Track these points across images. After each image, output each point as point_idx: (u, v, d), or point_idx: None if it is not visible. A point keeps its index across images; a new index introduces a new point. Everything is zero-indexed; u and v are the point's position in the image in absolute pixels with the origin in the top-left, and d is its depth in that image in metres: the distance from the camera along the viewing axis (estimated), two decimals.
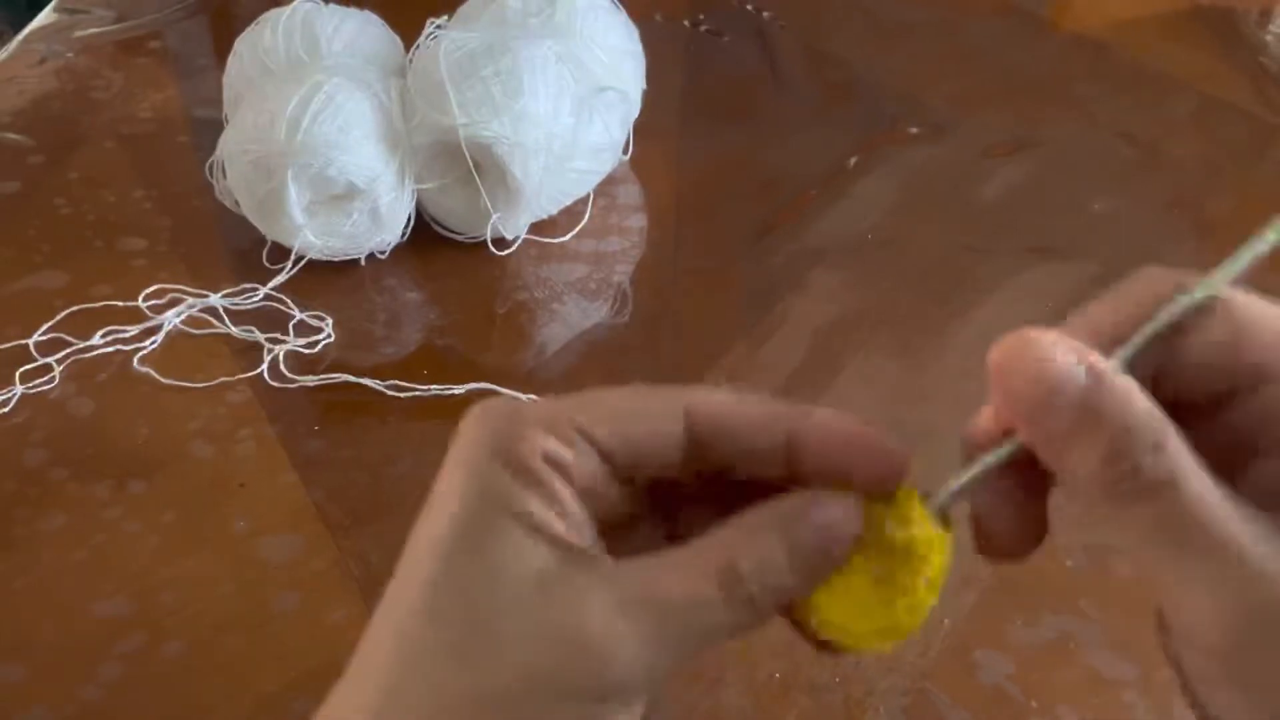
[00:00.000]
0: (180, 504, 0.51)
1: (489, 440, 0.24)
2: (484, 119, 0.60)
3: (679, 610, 0.23)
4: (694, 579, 0.23)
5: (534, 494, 0.23)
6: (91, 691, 0.43)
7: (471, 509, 0.23)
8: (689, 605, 0.23)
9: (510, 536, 0.23)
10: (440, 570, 0.23)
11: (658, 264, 0.68)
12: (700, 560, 0.23)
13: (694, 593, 0.23)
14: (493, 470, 0.23)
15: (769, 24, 0.95)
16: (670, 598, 0.23)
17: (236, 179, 0.63)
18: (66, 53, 0.86)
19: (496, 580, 0.22)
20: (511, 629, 0.22)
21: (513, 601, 0.22)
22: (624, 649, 0.22)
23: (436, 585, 0.23)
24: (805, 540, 0.24)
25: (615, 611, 0.22)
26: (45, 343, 0.58)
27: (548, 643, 0.22)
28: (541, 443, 0.23)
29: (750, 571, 0.23)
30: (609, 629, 0.22)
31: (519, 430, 0.24)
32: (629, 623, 0.22)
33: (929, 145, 0.79)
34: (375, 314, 0.62)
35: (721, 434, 0.25)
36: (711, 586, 0.23)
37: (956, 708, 0.43)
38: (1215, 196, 0.75)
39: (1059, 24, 0.97)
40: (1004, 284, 0.66)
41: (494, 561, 0.23)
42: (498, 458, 0.23)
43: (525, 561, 0.23)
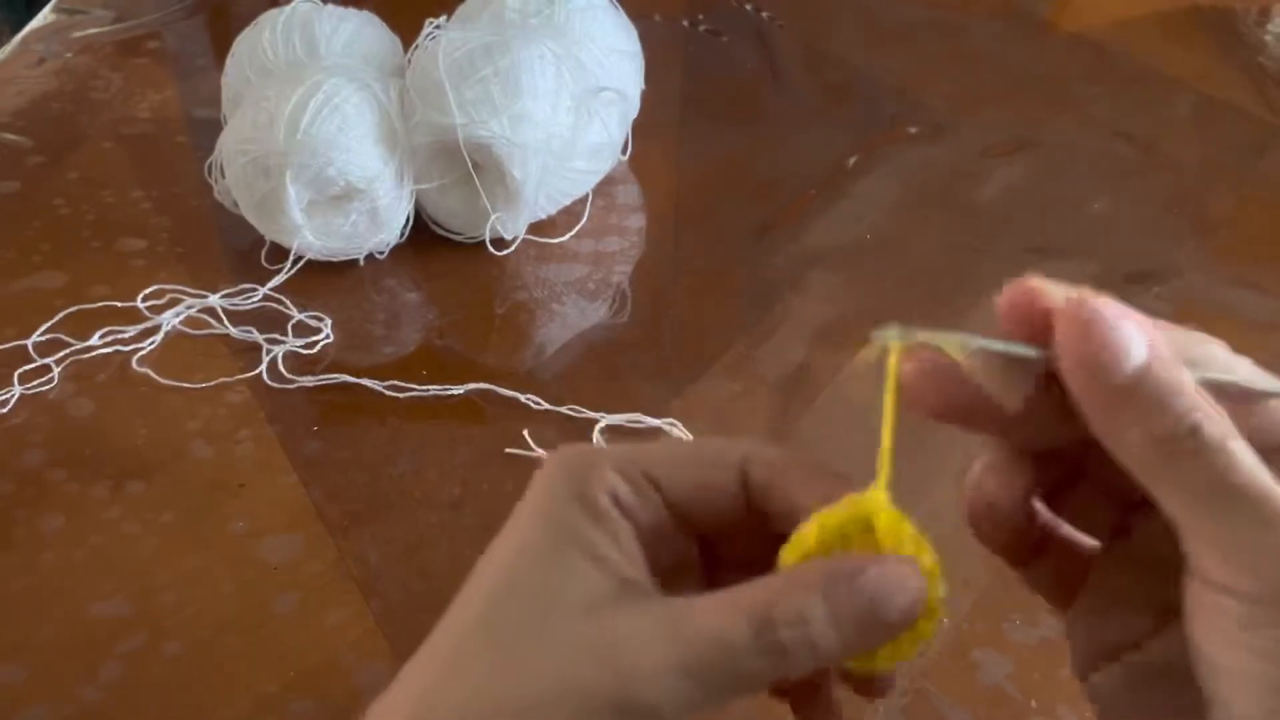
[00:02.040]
0: (179, 504, 0.51)
1: (564, 477, 0.26)
2: (483, 119, 0.60)
3: (709, 644, 0.23)
4: (726, 615, 0.23)
5: (598, 528, 0.25)
6: (91, 692, 0.43)
7: (539, 536, 0.25)
8: (718, 640, 0.23)
9: (570, 562, 0.24)
10: (501, 586, 0.25)
11: (657, 264, 0.68)
12: (738, 600, 0.24)
13: (724, 628, 0.23)
14: (563, 503, 0.25)
15: (768, 24, 0.95)
16: (701, 630, 0.23)
17: (235, 179, 0.63)
18: (65, 53, 0.86)
19: (551, 599, 0.24)
20: (556, 643, 0.23)
21: (562, 619, 0.24)
22: (657, 674, 0.23)
23: (494, 599, 0.25)
24: (845, 600, 0.24)
25: (653, 637, 0.23)
26: (44, 343, 0.58)
27: (587, 658, 0.23)
28: (611, 482, 0.25)
29: (783, 619, 0.23)
30: (645, 652, 0.23)
31: (592, 471, 0.26)
32: (664, 649, 0.23)
33: (928, 145, 0.79)
34: (374, 314, 0.62)
35: (772, 487, 0.26)
36: (742, 625, 0.23)
37: (956, 707, 0.43)
38: (1214, 196, 0.75)
39: (1058, 24, 0.97)
40: (1003, 284, 0.65)
41: (551, 583, 0.24)
42: (570, 493, 0.25)
43: (580, 585, 0.24)
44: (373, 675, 0.44)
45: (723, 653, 0.23)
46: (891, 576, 0.24)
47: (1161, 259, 0.68)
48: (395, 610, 0.46)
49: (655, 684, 0.23)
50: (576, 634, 0.24)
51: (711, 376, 0.59)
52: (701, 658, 0.23)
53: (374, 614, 0.46)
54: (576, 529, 0.25)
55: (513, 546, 0.25)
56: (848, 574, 0.24)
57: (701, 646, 0.23)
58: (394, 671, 0.25)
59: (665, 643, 0.23)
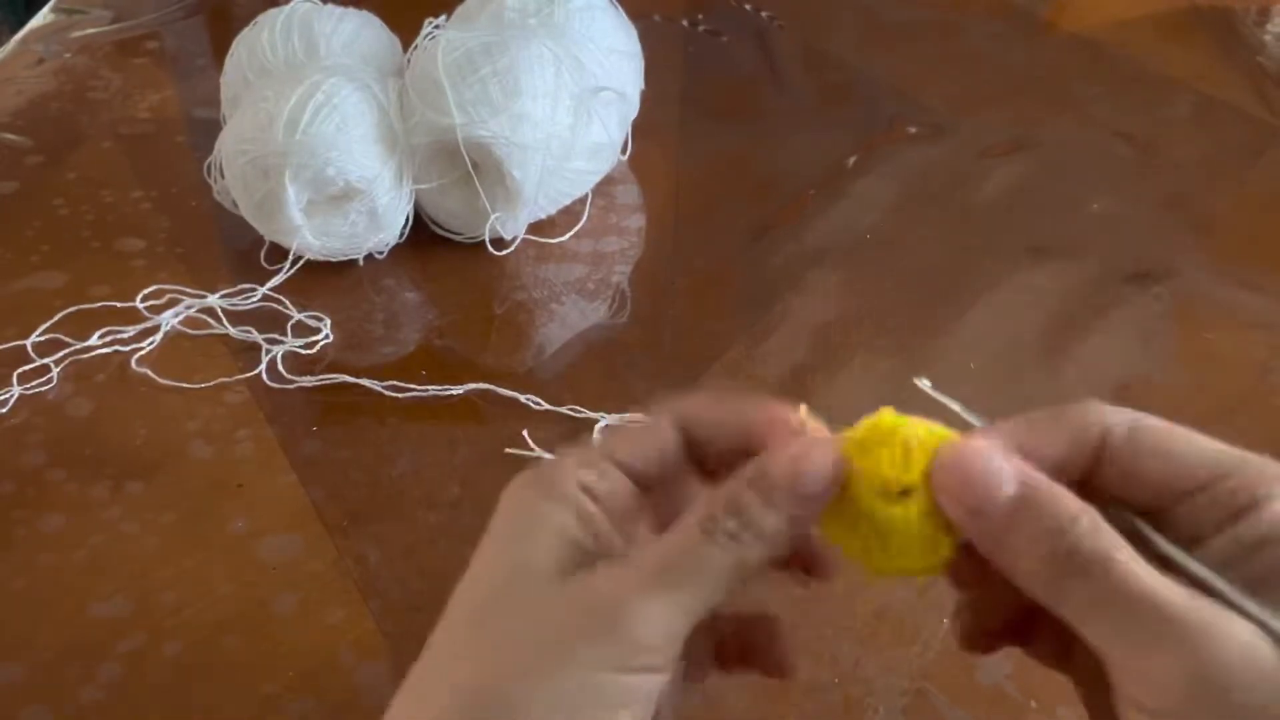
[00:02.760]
0: (179, 504, 0.51)
1: (532, 479, 0.28)
2: (482, 119, 0.60)
3: (675, 564, 0.25)
4: (676, 531, 0.26)
5: (567, 511, 0.27)
6: (90, 692, 0.43)
7: (509, 529, 0.27)
8: (681, 556, 0.25)
9: (539, 540, 0.26)
10: (478, 578, 0.27)
11: (656, 264, 0.68)
12: (684, 517, 0.26)
13: (681, 544, 0.25)
14: (531, 498, 0.27)
15: (767, 24, 0.95)
16: (658, 552, 0.25)
17: (234, 179, 0.63)
18: (64, 53, 0.86)
19: (520, 573, 0.26)
20: (529, 611, 0.25)
21: (533, 586, 0.25)
22: (637, 609, 0.24)
23: (463, 590, 0.27)
24: (767, 483, 0.26)
25: (624, 578, 0.25)
26: (43, 343, 0.58)
27: (565, 614, 0.25)
28: (576, 473, 0.27)
29: (723, 511, 0.26)
30: (620, 592, 0.25)
31: (557, 467, 0.28)
32: (638, 585, 0.25)
33: (928, 145, 0.79)
34: (373, 314, 0.62)
35: (709, 435, 0.29)
36: (692, 530, 0.26)
37: (955, 708, 0.43)
38: (1213, 196, 0.75)
39: (1057, 24, 0.97)
40: (1002, 284, 0.66)
41: (520, 559, 0.26)
42: (539, 490, 0.27)
43: (550, 557, 0.26)
44: (372, 675, 0.44)
45: (682, 560, 0.25)
46: (799, 453, 0.26)
47: (1160, 259, 0.68)
48: (395, 610, 0.46)
49: (645, 623, 0.24)
50: (561, 599, 0.25)
51: (711, 376, 0.59)
52: (664, 574, 0.25)
53: (373, 614, 0.46)
54: (544, 516, 0.26)
55: (484, 547, 0.27)
56: (766, 461, 0.26)
57: (661, 565, 0.25)
58: (394, 671, 0.25)
59: (640, 581, 0.25)
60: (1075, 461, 0.26)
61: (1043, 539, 0.24)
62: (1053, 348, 0.61)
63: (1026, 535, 0.24)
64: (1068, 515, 0.24)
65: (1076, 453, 0.26)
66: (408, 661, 0.27)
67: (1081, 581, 0.23)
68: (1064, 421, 0.26)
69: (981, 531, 0.25)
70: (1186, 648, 0.22)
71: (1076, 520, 0.24)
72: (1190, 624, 0.22)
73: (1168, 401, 0.58)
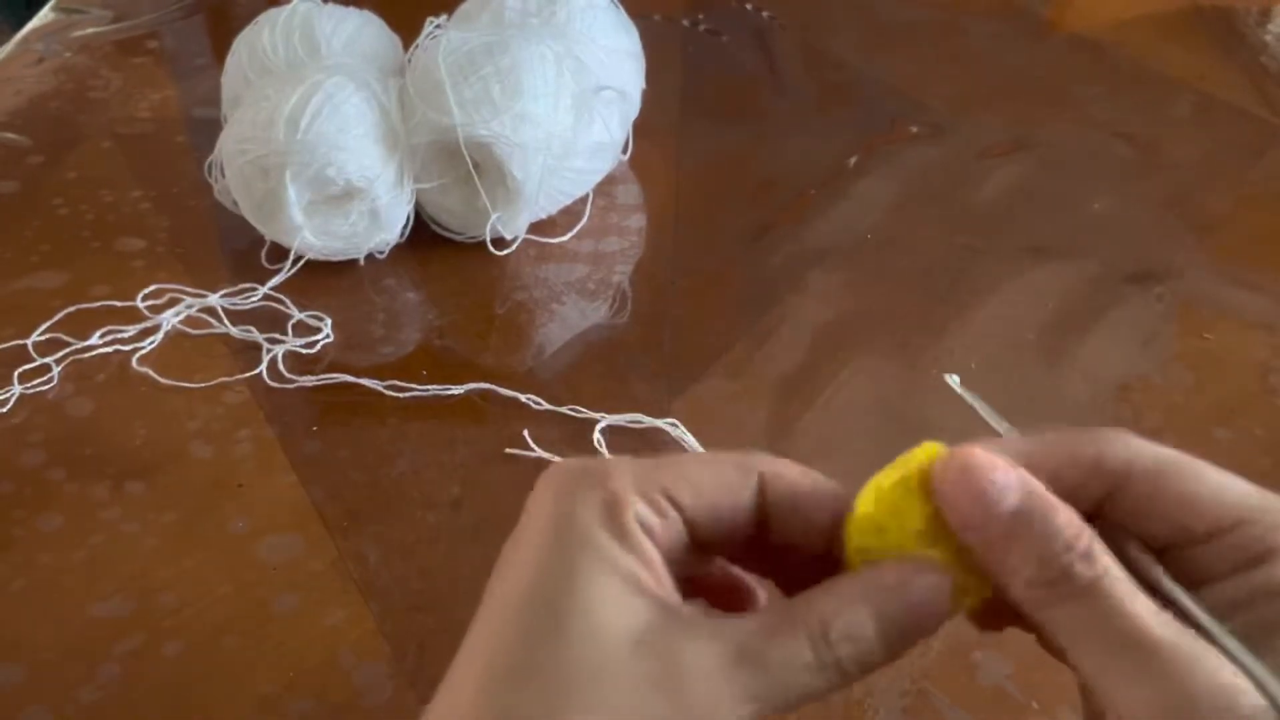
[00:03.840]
0: (179, 504, 0.50)
1: (586, 498, 0.25)
2: (483, 118, 0.60)
3: (773, 669, 0.23)
4: (788, 641, 0.24)
5: (631, 554, 0.24)
6: (90, 692, 0.43)
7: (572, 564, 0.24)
8: (782, 665, 0.24)
9: (611, 593, 0.23)
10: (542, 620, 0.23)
11: (657, 264, 0.68)
12: (796, 623, 0.24)
13: (788, 654, 0.24)
14: (591, 529, 0.24)
15: (768, 23, 0.95)
16: (766, 657, 0.23)
17: (235, 179, 0.63)
18: (64, 52, 0.86)
19: (601, 634, 0.23)
20: (616, 683, 0.23)
21: (617, 654, 0.23)
22: (723, 704, 0.23)
23: (537, 635, 0.23)
24: (894, 614, 0.25)
25: (715, 666, 0.23)
26: (43, 343, 0.58)
27: (651, 695, 0.23)
28: (637, 507, 0.25)
29: (839, 639, 0.24)
30: (709, 683, 0.23)
31: (615, 493, 0.25)
32: (727, 678, 0.23)
33: (928, 145, 0.79)
34: (374, 314, 0.62)
35: (788, 506, 0.26)
36: (805, 649, 0.24)
37: (956, 708, 0.43)
38: (1215, 196, 0.75)
39: (1058, 24, 0.97)
40: (1003, 284, 0.66)
41: (598, 616, 0.23)
42: (597, 517, 0.24)
43: (627, 617, 0.23)
44: (372, 675, 0.44)
45: (787, 676, 0.24)
46: (927, 585, 0.25)
47: (1161, 259, 0.68)
48: (395, 610, 0.46)
49: (723, 713, 0.23)
50: (635, 671, 0.23)
51: (712, 376, 0.59)
52: (768, 684, 0.23)
53: (373, 614, 0.46)
54: (610, 556, 0.24)
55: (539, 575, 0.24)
56: (893, 587, 0.25)
57: (767, 674, 0.23)
58: (394, 671, 0.25)
59: (731, 674, 0.23)
60: (1092, 487, 0.25)
61: (1038, 558, 0.24)
62: (1054, 348, 0.61)
63: (1022, 552, 0.24)
64: (1066, 536, 0.24)
65: (1093, 478, 0.25)
66: (408, 661, 0.26)
67: (1071, 606, 0.23)
68: (1089, 445, 0.26)
69: (979, 543, 0.25)
70: (1166, 682, 0.22)
71: (1073, 543, 0.23)
72: (1172, 659, 0.22)
73: (1168, 402, 0.58)
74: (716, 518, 0.26)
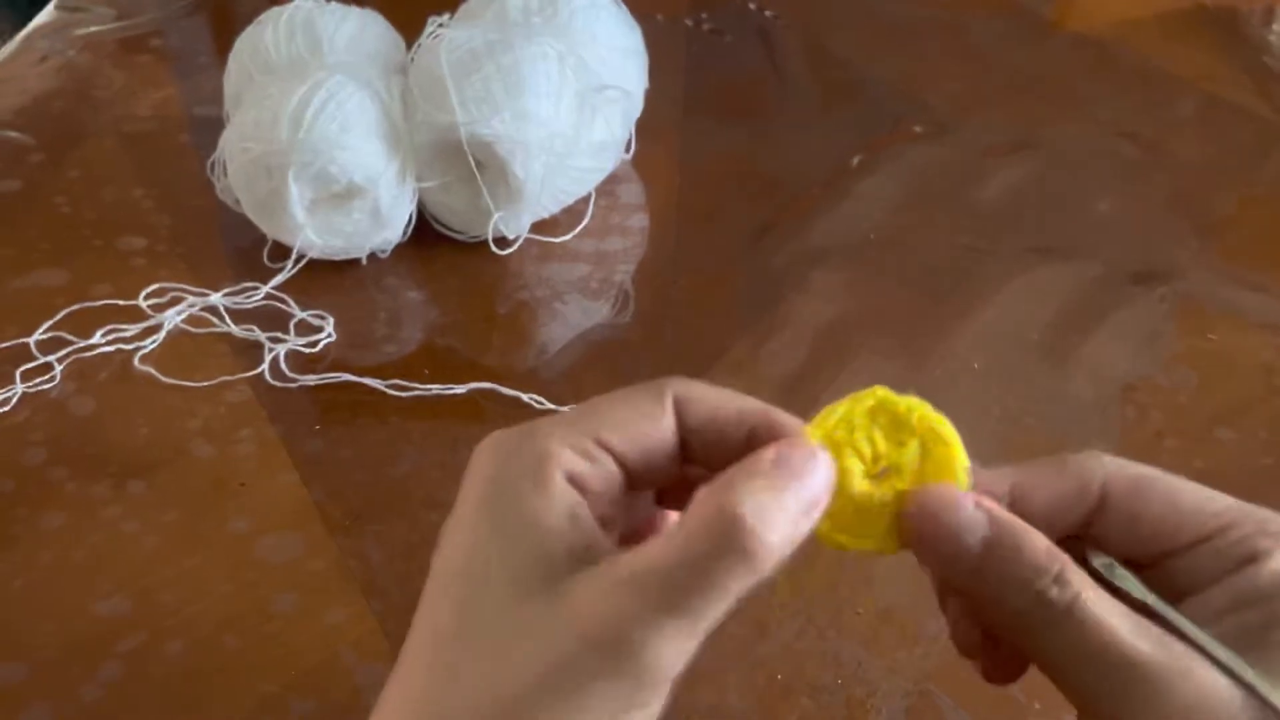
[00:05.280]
0: (180, 503, 0.50)
1: (512, 454, 0.25)
2: (485, 117, 0.60)
3: (686, 584, 0.23)
4: (672, 537, 0.24)
5: (558, 511, 0.24)
6: (91, 691, 0.43)
7: (491, 523, 0.25)
8: (691, 576, 0.23)
9: (529, 546, 0.24)
10: (464, 579, 0.24)
11: (659, 263, 0.67)
12: (684, 521, 0.24)
13: (692, 562, 0.23)
14: (514, 485, 0.25)
15: (771, 23, 0.95)
16: (674, 574, 0.23)
17: (237, 177, 0.62)
18: (67, 51, 0.86)
19: (513, 586, 0.24)
20: (529, 638, 0.23)
21: (531, 608, 0.23)
22: (652, 641, 0.23)
23: (461, 598, 0.24)
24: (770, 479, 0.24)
25: (629, 601, 0.23)
26: (46, 341, 0.58)
27: (573, 645, 0.23)
28: (565, 458, 0.25)
29: (728, 509, 0.23)
30: (629, 621, 0.23)
31: (543, 450, 0.25)
32: (647, 610, 0.23)
33: (932, 145, 0.79)
34: (376, 313, 0.62)
35: (705, 424, 0.26)
36: (697, 533, 0.23)
37: (959, 709, 0.43)
38: (1218, 196, 0.75)
39: (1062, 23, 0.97)
40: (1006, 284, 0.66)
41: (510, 566, 0.24)
42: (522, 476, 0.25)
43: (541, 569, 0.24)
44: (373, 675, 0.44)
45: (693, 580, 0.23)
46: (800, 455, 0.25)
47: (1165, 259, 0.68)
48: (396, 610, 0.46)
49: (650, 650, 0.23)
50: (553, 622, 0.23)
51: (714, 376, 0.58)
52: (674, 595, 0.23)
53: (375, 613, 0.46)
54: (532, 512, 0.24)
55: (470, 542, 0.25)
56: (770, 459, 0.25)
57: (669, 584, 0.23)
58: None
59: (637, 600, 0.23)
60: (1075, 510, 0.26)
61: (1012, 588, 0.24)
62: (1057, 348, 0.61)
63: (997, 583, 0.24)
64: (1038, 564, 0.24)
65: (1076, 502, 0.26)
66: None
67: (1052, 630, 0.24)
68: (1064, 471, 0.26)
69: (955, 577, 0.25)
70: (1153, 695, 0.22)
71: (1045, 570, 0.24)
72: (1156, 672, 0.22)
73: (1172, 402, 0.58)
74: (644, 449, 0.26)
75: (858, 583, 0.47)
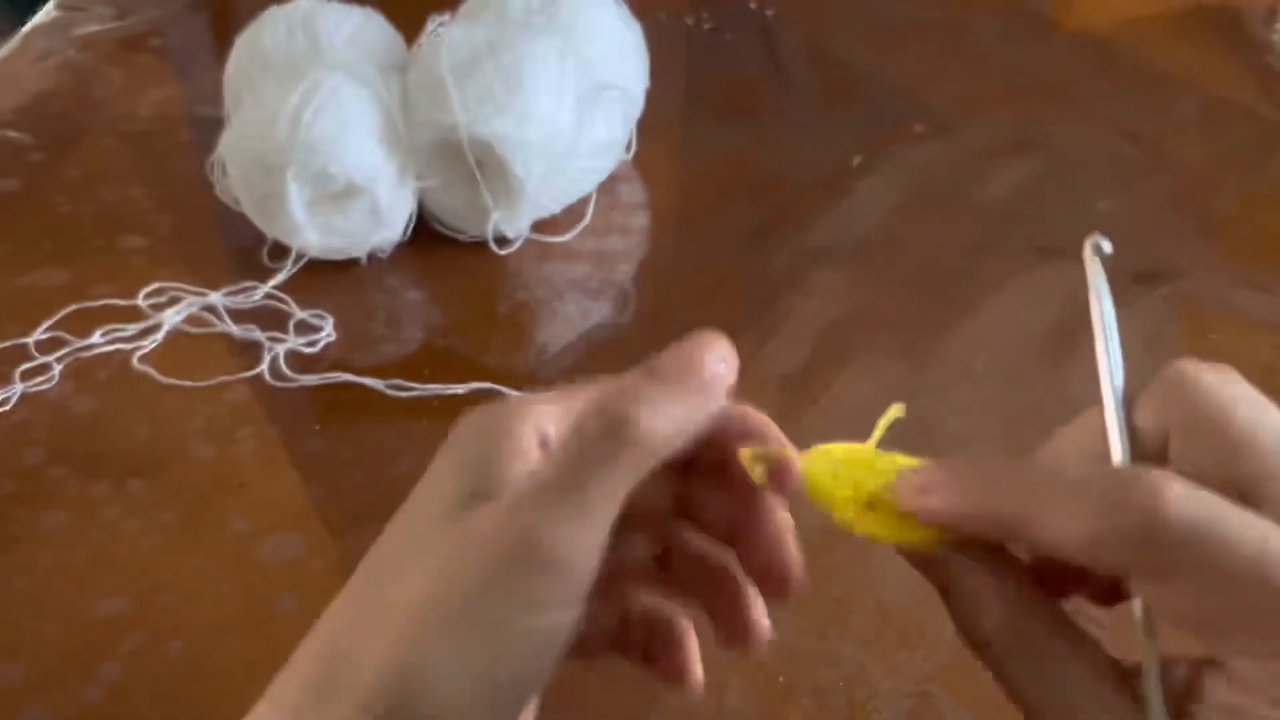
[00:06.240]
0: (180, 503, 0.50)
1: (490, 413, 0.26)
2: (485, 116, 0.60)
3: (574, 473, 0.23)
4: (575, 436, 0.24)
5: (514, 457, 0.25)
6: (91, 691, 0.43)
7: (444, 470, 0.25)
8: (579, 462, 0.23)
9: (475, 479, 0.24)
10: (401, 528, 0.26)
11: (660, 263, 0.67)
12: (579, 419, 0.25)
13: (570, 432, 0.24)
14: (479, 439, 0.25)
15: (772, 22, 0.94)
16: (561, 466, 0.24)
17: (237, 177, 0.62)
18: (67, 50, 0.85)
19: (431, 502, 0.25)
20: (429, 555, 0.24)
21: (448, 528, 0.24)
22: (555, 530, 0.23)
23: (396, 535, 0.26)
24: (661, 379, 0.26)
25: (523, 497, 0.23)
26: (45, 341, 0.58)
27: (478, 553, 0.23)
28: (535, 417, 0.25)
29: (612, 402, 0.24)
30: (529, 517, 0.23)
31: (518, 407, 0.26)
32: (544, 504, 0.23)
33: (933, 144, 0.79)
34: (376, 313, 0.62)
35: None
36: (589, 419, 0.24)
37: (960, 710, 0.43)
38: (1221, 196, 0.74)
39: (1064, 23, 0.97)
40: (1008, 284, 0.65)
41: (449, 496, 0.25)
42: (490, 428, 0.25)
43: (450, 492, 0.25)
44: None
45: (581, 465, 0.23)
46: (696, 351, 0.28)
47: (1168, 259, 0.68)
48: None
49: (555, 539, 0.23)
50: (464, 527, 0.24)
51: None
52: (567, 484, 0.23)
53: None
54: (484, 447, 0.25)
55: (427, 477, 0.26)
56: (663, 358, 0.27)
57: (559, 478, 0.23)
58: None
59: (532, 498, 0.23)
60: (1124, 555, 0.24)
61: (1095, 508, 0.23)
62: (1058, 348, 0.61)
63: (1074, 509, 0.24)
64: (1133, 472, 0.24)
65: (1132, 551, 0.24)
66: None
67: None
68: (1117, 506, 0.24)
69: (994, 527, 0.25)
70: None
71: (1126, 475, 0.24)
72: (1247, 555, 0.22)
73: None
74: None
75: (858, 583, 0.47)
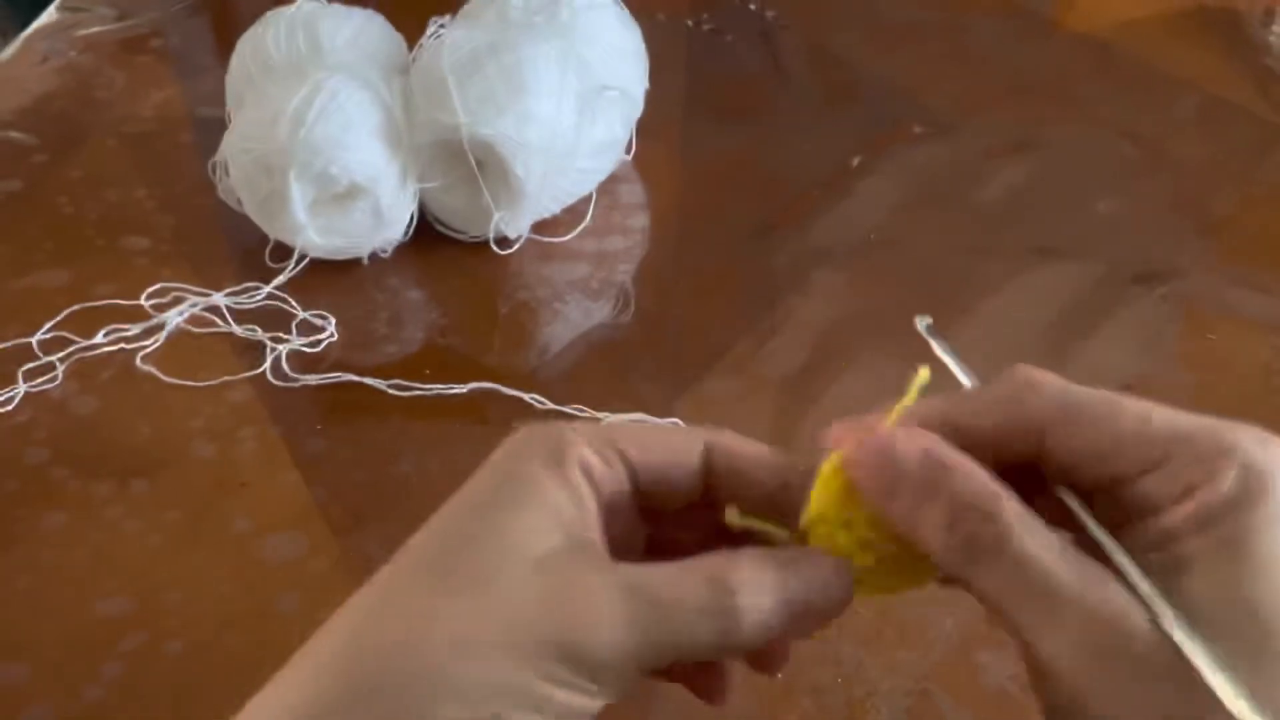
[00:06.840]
0: (182, 503, 0.51)
1: (536, 443, 0.26)
2: (486, 117, 0.60)
3: (665, 603, 0.24)
4: (685, 579, 0.25)
5: (562, 490, 0.25)
6: (93, 691, 0.43)
7: (502, 492, 0.25)
8: (675, 601, 0.24)
9: (530, 517, 0.25)
10: (455, 534, 0.25)
11: (660, 263, 0.68)
12: (696, 566, 0.25)
13: (682, 589, 0.24)
14: (529, 463, 0.26)
15: (772, 23, 0.95)
16: (660, 590, 0.24)
17: (239, 178, 0.63)
18: (69, 51, 0.86)
19: (506, 550, 0.24)
20: (504, 589, 0.24)
21: (514, 569, 0.24)
22: (609, 624, 0.23)
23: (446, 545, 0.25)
24: (794, 586, 0.25)
25: (605, 591, 0.24)
26: (48, 341, 0.58)
27: (534, 605, 0.23)
28: (583, 452, 0.26)
29: (740, 586, 0.24)
30: (593, 603, 0.24)
31: (564, 439, 0.26)
32: (618, 604, 0.24)
33: (932, 145, 0.79)
34: (378, 313, 0.62)
35: (732, 474, 0.27)
36: (700, 586, 0.24)
37: (959, 709, 0.43)
38: (1219, 197, 0.75)
39: (1063, 24, 0.97)
40: (1007, 284, 0.66)
41: (509, 536, 0.24)
42: (539, 456, 0.26)
43: (537, 541, 0.24)
44: None
45: (675, 611, 0.24)
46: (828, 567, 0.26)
47: (1166, 259, 0.68)
48: None
49: (601, 634, 0.23)
50: (527, 583, 0.24)
51: (715, 376, 0.59)
52: (658, 618, 0.24)
53: None
54: (540, 488, 0.25)
55: (475, 499, 0.26)
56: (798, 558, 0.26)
57: (659, 608, 0.24)
58: None
59: (617, 597, 0.24)
60: (1025, 437, 0.25)
61: (945, 522, 0.24)
62: (1058, 348, 0.61)
63: (931, 519, 0.24)
64: (968, 497, 0.24)
65: (1024, 431, 0.25)
66: None
67: (985, 564, 0.23)
68: (994, 394, 0.26)
69: (894, 514, 0.25)
70: (1074, 622, 0.22)
71: (975, 502, 0.24)
72: (1068, 595, 0.22)
73: (1172, 402, 0.58)
74: (662, 476, 0.27)
75: None
